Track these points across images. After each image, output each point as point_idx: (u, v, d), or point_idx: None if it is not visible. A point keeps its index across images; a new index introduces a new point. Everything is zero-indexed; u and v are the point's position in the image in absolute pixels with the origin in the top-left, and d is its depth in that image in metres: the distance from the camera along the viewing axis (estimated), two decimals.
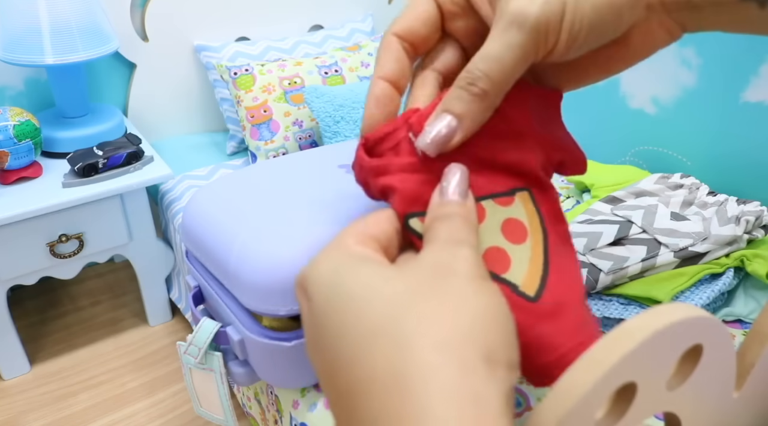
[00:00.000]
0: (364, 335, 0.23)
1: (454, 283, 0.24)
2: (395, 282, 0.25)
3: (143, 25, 1.33)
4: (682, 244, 0.74)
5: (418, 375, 0.21)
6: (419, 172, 0.33)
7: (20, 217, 1.04)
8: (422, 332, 0.22)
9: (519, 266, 0.34)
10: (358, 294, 0.24)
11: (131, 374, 1.26)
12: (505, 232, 0.34)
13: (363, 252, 0.27)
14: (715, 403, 0.29)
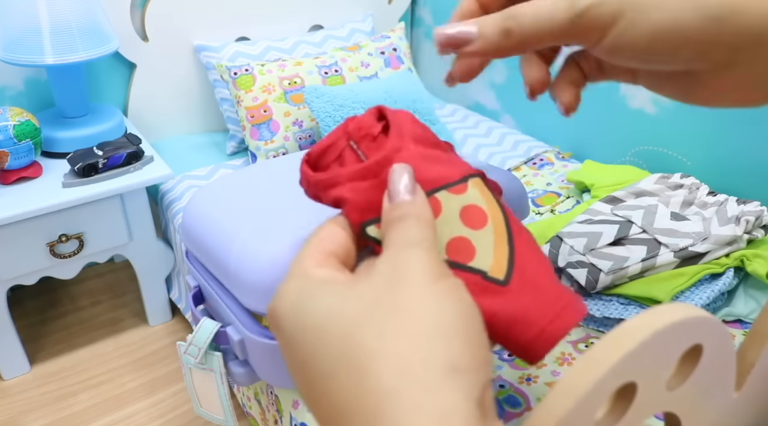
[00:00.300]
0: (329, 365, 0.23)
1: (410, 292, 0.24)
2: (353, 302, 0.24)
3: (143, 25, 1.33)
4: (682, 244, 0.74)
5: (381, 400, 0.21)
6: (367, 178, 0.33)
7: (20, 217, 1.04)
8: (381, 352, 0.22)
9: (484, 252, 0.34)
10: (318, 323, 0.24)
11: (131, 374, 1.26)
12: (464, 219, 0.34)
13: (322, 275, 0.27)
14: (715, 403, 0.29)
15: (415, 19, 1.74)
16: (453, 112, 1.56)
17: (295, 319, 0.25)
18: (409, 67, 1.44)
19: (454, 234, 0.34)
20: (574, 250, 0.75)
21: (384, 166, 0.33)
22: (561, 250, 0.76)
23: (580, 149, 1.25)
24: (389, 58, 1.41)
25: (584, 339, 0.68)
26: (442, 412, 0.21)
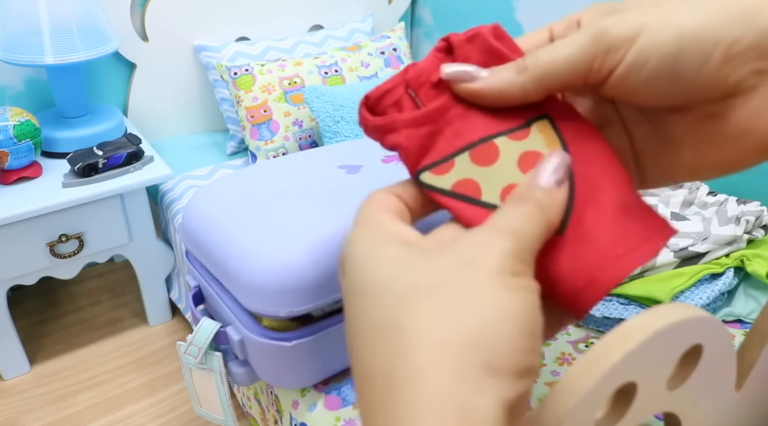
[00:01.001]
0: (370, 331, 0.23)
1: (476, 277, 0.23)
2: (415, 272, 0.24)
3: (143, 25, 1.33)
4: (682, 244, 0.74)
5: (408, 378, 0.21)
6: (425, 125, 0.34)
7: (20, 217, 1.04)
8: (422, 332, 0.21)
9: None
10: (378, 283, 0.24)
11: (131, 374, 1.26)
12: (522, 166, 0.33)
13: (395, 229, 0.26)
14: (715, 403, 0.29)
15: (415, 19, 1.74)
16: None
17: (357, 273, 0.25)
18: None
19: (510, 181, 0.33)
20: None
21: (442, 113, 0.34)
22: None
23: None
24: (389, 58, 1.41)
25: (584, 339, 0.68)
26: (465, 405, 0.20)
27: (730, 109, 0.30)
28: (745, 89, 0.29)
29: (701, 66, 0.29)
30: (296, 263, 0.54)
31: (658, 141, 0.35)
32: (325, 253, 0.54)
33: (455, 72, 0.34)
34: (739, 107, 0.30)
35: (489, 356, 0.21)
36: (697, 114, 0.32)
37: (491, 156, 0.34)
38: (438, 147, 0.33)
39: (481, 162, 0.34)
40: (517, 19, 1.41)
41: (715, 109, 0.31)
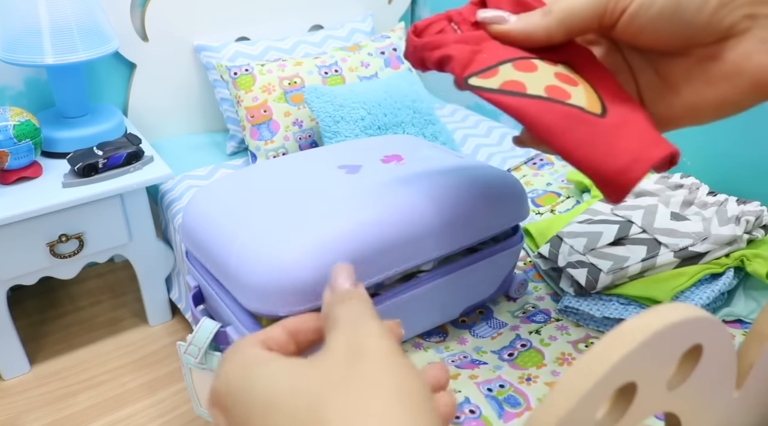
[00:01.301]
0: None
1: (369, 367, 0.23)
2: (308, 376, 0.23)
3: (143, 25, 1.33)
4: (682, 244, 0.74)
5: None
6: (469, 43, 0.40)
7: (20, 217, 1.04)
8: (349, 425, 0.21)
9: (578, 96, 0.38)
10: (273, 395, 0.23)
11: (131, 374, 1.26)
12: (558, 78, 0.39)
13: (267, 354, 0.26)
14: (715, 403, 0.29)
15: (415, 19, 1.74)
16: (453, 112, 1.56)
17: (244, 396, 0.23)
18: (409, 67, 1.44)
19: (550, 83, 0.38)
20: (574, 249, 0.75)
21: (483, 40, 0.41)
22: (561, 249, 0.76)
23: None
24: (389, 58, 1.41)
25: (584, 339, 0.68)
26: None
27: (724, 50, 0.34)
28: (737, 32, 0.32)
29: (700, 9, 0.32)
30: (296, 263, 0.54)
31: (660, 84, 0.39)
32: (326, 253, 0.54)
33: (489, 16, 0.40)
34: (732, 48, 0.33)
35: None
36: (695, 57, 0.36)
37: (531, 67, 0.39)
38: (481, 60, 0.39)
39: (522, 70, 0.39)
40: None
41: (710, 51, 0.34)
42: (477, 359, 0.64)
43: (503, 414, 0.57)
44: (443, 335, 0.68)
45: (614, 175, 0.36)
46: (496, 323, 0.70)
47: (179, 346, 0.66)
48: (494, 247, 0.64)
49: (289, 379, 0.23)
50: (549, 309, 0.73)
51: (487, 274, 0.66)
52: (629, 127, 0.37)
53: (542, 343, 0.67)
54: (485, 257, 0.63)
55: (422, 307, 0.62)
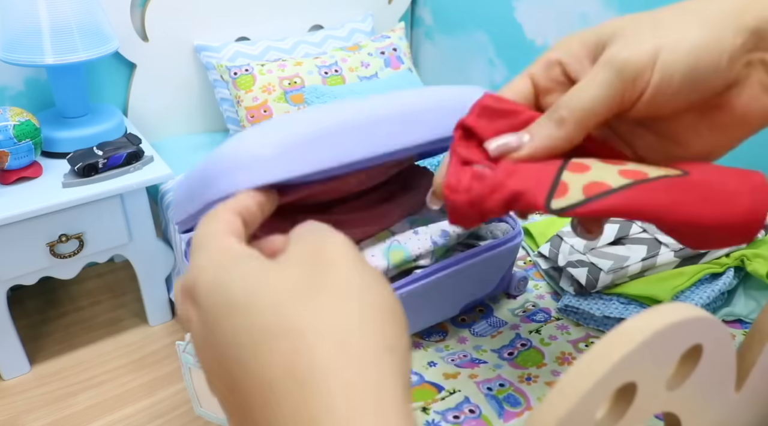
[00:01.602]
0: (259, 337, 0.22)
1: (338, 272, 0.24)
2: (283, 278, 0.24)
3: (143, 25, 1.33)
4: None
5: (319, 375, 0.21)
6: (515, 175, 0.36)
7: (20, 217, 1.04)
8: (319, 331, 0.22)
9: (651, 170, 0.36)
10: (246, 298, 0.23)
11: (131, 374, 1.26)
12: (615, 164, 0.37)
13: (242, 249, 0.26)
14: (715, 403, 0.29)
15: (415, 19, 1.73)
16: None
17: (218, 293, 0.24)
18: (409, 67, 1.44)
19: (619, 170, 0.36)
20: (574, 249, 0.75)
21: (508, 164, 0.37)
22: (561, 249, 0.76)
23: None
24: (389, 58, 1.41)
25: (584, 338, 0.68)
26: (377, 389, 0.21)
27: (729, 99, 0.34)
28: (739, 80, 0.34)
29: (715, 72, 0.33)
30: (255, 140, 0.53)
31: (664, 143, 0.38)
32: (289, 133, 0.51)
33: (500, 146, 0.37)
34: (737, 96, 0.34)
35: (384, 339, 0.22)
36: (698, 110, 0.35)
37: (584, 167, 0.36)
38: (535, 182, 0.36)
39: (581, 170, 0.36)
40: (517, 19, 1.41)
41: (714, 102, 0.35)
42: (477, 358, 0.64)
43: (503, 413, 0.57)
44: (443, 334, 0.68)
45: (746, 216, 0.35)
46: (496, 322, 0.70)
47: (178, 345, 0.66)
48: (494, 242, 0.64)
49: (259, 279, 0.24)
50: (549, 308, 0.73)
51: (487, 270, 0.66)
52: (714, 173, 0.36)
53: (542, 343, 0.67)
54: (484, 252, 0.63)
55: (421, 304, 0.62)
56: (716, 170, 0.37)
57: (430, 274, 0.60)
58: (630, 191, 0.35)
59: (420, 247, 0.59)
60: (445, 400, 0.58)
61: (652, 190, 0.36)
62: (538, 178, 0.36)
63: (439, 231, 0.61)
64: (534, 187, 0.36)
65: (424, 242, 0.60)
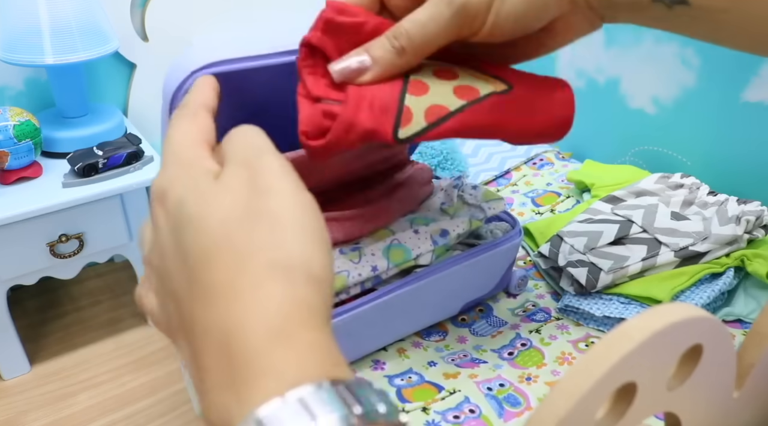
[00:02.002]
0: (206, 250, 0.25)
1: (276, 200, 0.26)
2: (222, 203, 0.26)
3: (143, 25, 1.33)
4: (683, 243, 0.74)
5: (249, 290, 0.23)
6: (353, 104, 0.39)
7: (20, 217, 1.04)
8: (256, 252, 0.24)
9: (481, 85, 0.42)
10: (200, 216, 0.26)
11: (131, 374, 1.26)
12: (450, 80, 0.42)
13: (210, 167, 0.28)
14: (715, 403, 0.29)
15: None
16: None
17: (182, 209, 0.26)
18: None
19: (455, 86, 0.41)
20: (574, 249, 0.75)
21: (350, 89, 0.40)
22: (561, 249, 0.76)
23: (580, 149, 1.25)
24: None
25: (584, 338, 0.68)
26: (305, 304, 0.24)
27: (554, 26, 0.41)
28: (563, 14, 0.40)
29: (544, 14, 0.39)
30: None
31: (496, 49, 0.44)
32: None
33: (343, 71, 0.40)
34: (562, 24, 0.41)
35: (312, 266, 0.25)
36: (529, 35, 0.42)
37: (423, 87, 0.41)
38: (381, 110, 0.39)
39: (421, 92, 0.41)
40: None
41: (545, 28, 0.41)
42: (477, 358, 0.64)
43: (503, 413, 0.57)
44: (443, 334, 0.68)
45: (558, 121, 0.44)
46: (495, 321, 0.70)
47: None
48: (493, 242, 0.64)
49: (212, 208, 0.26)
50: (549, 308, 0.73)
51: (487, 269, 0.66)
52: (532, 85, 0.44)
53: (542, 343, 0.67)
54: (484, 252, 0.63)
55: (421, 304, 0.62)
56: (533, 81, 0.44)
57: (430, 273, 0.60)
58: (465, 114, 0.41)
59: (420, 247, 0.59)
60: (445, 400, 0.58)
61: (483, 111, 0.42)
62: (385, 106, 0.39)
63: (440, 230, 0.61)
64: (382, 122, 0.39)
65: (425, 241, 0.60)
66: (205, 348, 0.23)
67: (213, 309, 0.24)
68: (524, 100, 0.43)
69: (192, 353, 0.25)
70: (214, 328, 0.23)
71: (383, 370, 0.62)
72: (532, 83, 0.43)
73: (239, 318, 0.23)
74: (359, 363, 0.62)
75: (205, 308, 0.24)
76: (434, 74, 0.42)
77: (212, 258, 0.25)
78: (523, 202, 1.00)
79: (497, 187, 1.06)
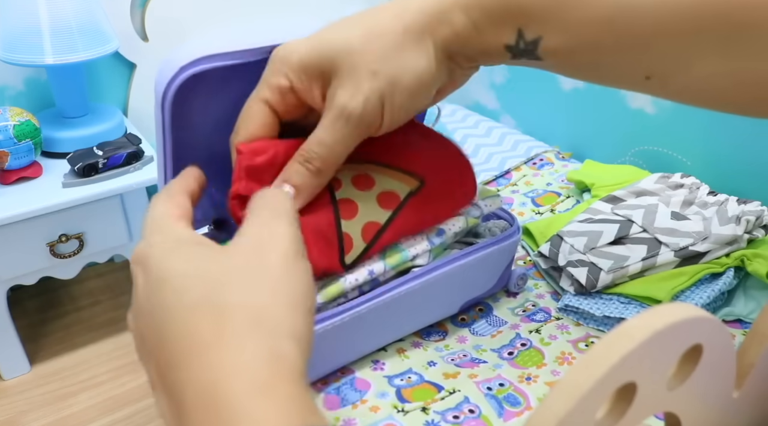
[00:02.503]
0: (191, 306, 0.26)
1: (272, 261, 0.28)
2: (220, 260, 0.28)
3: (143, 25, 1.33)
4: (683, 243, 0.74)
5: (237, 340, 0.25)
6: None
7: (20, 217, 1.04)
8: (240, 306, 0.26)
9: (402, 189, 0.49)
10: (188, 273, 0.27)
11: (131, 374, 1.26)
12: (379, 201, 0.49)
13: (190, 236, 0.31)
14: (715, 403, 0.29)
15: None
16: (453, 112, 1.56)
17: (164, 270, 0.28)
18: None
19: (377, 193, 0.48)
20: (574, 248, 0.75)
21: None
22: (561, 248, 0.76)
23: (580, 149, 1.25)
24: None
25: (584, 338, 0.68)
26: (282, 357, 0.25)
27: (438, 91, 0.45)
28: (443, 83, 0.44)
29: (429, 93, 0.42)
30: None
31: None
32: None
33: None
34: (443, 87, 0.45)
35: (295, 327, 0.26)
36: None
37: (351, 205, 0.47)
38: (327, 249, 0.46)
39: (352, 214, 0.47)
40: None
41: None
42: (477, 358, 0.64)
43: (503, 413, 0.57)
44: (443, 334, 0.68)
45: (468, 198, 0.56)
46: (495, 321, 0.70)
47: None
48: (492, 240, 0.64)
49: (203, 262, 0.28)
50: (549, 308, 0.73)
51: (486, 268, 0.66)
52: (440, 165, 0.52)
53: (542, 343, 0.67)
54: (482, 250, 0.63)
55: (420, 303, 0.62)
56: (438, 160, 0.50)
57: (429, 272, 0.60)
58: (394, 222, 0.48)
59: (416, 247, 0.59)
60: (444, 399, 0.58)
61: (409, 214, 0.49)
62: (327, 239, 0.44)
63: (436, 229, 0.61)
64: (330, 256, 0.45)
65: (421, 242, 0.59)
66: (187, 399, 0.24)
67: (197, 362, 0.24)
68: (437, 191, 0.50)
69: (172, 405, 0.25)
70: (198, 381, 0.24)
71: (383, 370, 0.62)
72: (437, 164, 0.49)
73: (226, 370, 0.24)
74: (359, 363, 0.62)
75: (189, 361, 0.25)
76: (354, 186, 0.46)
77: (197, 312, 0.26)
78: (523, 202, 1.00)
79: (497, 186, 1.06)
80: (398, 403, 0.58)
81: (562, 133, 1.29)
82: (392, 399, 0.58)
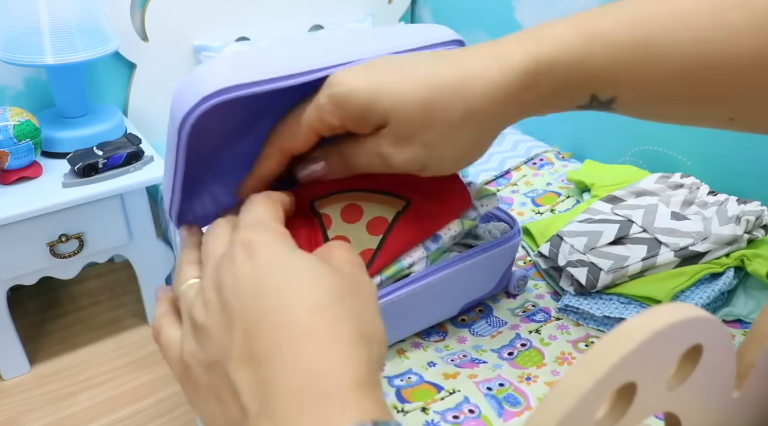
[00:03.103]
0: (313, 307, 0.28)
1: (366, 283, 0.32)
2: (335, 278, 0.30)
3: (143, 25, 1.33)
4: (683, 243, 0.74)
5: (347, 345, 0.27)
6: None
7: (20, 217, 1.04)
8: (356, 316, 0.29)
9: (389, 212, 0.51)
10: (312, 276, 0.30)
11: (131, 374, 1.26)
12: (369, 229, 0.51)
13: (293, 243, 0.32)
14: (715, 403, 0.29)
15: (415, 19, 1.73)
16: None
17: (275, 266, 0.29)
18: None
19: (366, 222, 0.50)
20: (574, 248, 0.75)
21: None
22: (561, 249, 0.76)
23: (580, 149, 1.25)
24: None
25: (584, 338, 0.68)
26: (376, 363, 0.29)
27: None
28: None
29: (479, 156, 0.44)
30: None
31: None
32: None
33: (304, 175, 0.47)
34: None
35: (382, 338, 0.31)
36: None
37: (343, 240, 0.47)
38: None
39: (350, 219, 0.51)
40: (516, 18, 1.41)
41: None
42: (477, 358, 0.64)
43: (503, 413, 0.57)
44: (443, 334, 0.68)
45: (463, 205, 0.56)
46: (495, 321, 0.70)
47: None
48: (492, 242, 0.64)
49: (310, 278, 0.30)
50: (549, 308, 0.73)
51: (486, 270, 0.66)
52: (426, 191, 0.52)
53: (542, 343, 0.67)
54: (482, 253, 0.63)
55: (420, 305, 0.62)
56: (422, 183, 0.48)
57: (429, 275, 0.60)
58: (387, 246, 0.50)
59: (413, 256, 0.58)
60: (444, 400, 0.58)
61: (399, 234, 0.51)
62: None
63: (431, 236, 0.61)
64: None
65: (416, 249, 0.58)
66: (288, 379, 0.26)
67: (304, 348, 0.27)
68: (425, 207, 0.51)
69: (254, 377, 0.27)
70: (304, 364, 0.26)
71: (383, 370, 0.62)
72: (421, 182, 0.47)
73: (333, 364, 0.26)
74: None
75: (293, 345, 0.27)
76: (344, 220, 0.49)
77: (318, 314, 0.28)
78: (523, 202, 1.00)
79: (497, 187, 1.06)
80: (398, 403, 0.58)
81: (562, 133, 1.29)
82: (392, 399, 0.58)
